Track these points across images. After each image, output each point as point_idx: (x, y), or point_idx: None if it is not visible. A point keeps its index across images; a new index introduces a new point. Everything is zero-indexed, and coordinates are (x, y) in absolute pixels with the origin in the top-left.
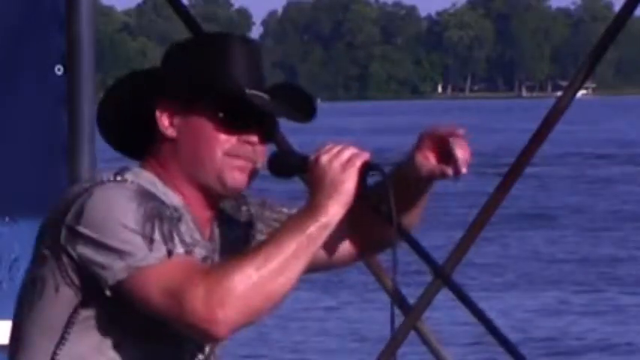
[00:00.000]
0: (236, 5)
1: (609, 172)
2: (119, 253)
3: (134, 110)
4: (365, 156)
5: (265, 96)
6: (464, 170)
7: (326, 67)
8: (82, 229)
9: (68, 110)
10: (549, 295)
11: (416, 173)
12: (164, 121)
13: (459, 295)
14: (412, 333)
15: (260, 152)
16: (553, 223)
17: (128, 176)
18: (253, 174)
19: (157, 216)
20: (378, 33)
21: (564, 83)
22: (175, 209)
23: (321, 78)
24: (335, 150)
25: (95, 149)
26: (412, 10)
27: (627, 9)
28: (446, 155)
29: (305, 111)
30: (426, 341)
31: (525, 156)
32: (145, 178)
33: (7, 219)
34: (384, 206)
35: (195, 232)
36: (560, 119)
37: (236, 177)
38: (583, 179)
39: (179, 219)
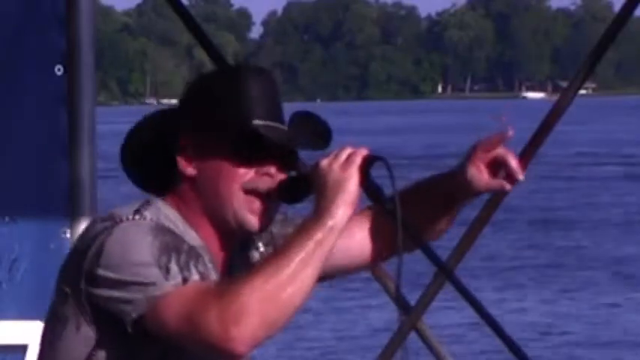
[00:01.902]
0: (236, 5)
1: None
2: (138, 286)
3: (156, 150)
4: (363, 152)
5: (281, 126)
6: (520, 177)
7: (326, 67)
8: (101, 271)
9: (68, 110)
10: (551, 293)
11: (468, 185)
12: (183, 159)
13: (462, 292)
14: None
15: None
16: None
17: (147, 213)
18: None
19: (174, 249)
20: (378, 33)
21: (564, 83)
22: (193, 248)
23: (321, 78)
24: (333, 153)
25: (95, 149)
26: (412, 10)
27: (627, 9)
28: (497, 166)
29: (319, 141)
30: (426, 341)
31: (525, 156)
32: (165, 215)
33: (7, 219)
34: (390, 203)
35: (212, 271)
36: (560, 119)
37: (253, 220)
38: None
39: (196, 258)
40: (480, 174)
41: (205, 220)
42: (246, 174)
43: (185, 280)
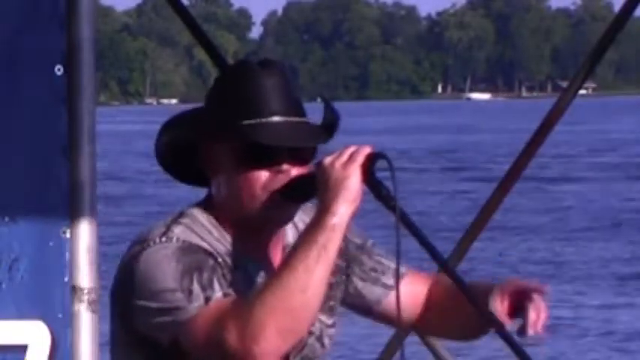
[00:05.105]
0: (236, 5)
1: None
2: (167, 311)
3: (187, 154)
4: (366, 150)
5: (280, 119)
6: (530, 332)
7: (326, 67)
8: (134, 301)
9: (68, 110)
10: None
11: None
12: (208, 163)
13: (462, 289)
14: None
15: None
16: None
17: (177, 231)
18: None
19: (196, 268)
20: (378, 33)
21: (564, 83)
22: (229, 255)
23: (321, 78)
24: (336, 153)
25: (95, 149)
26: (412, 10)
27: (627, 9)
28: (519, 309)
29: (321, 133)
30: (426, 341)
31: (525, 156)
32: (201, 223)
33: (6, 219)
34: (392, 201)
35: (256, 273)
36: (560, 119)
37: (277, 213)
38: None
39: (231, 268)
40: (497, 304)
41: (235, 220)
42: (261, 175)
43: (207, 300)
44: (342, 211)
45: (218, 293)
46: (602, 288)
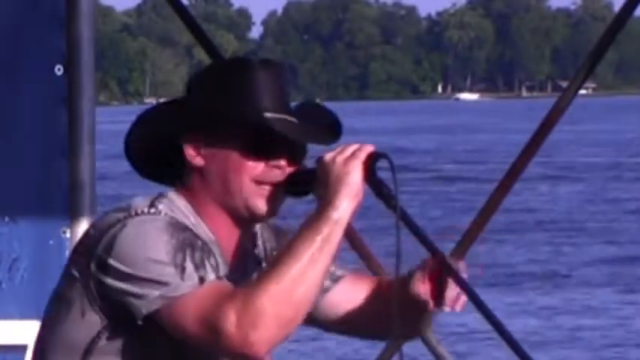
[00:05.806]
0: (236, 5)
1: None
2: (153, 283)
3: (162, 142)
4: (369, 148)
5: (289, 118)
6: (447, 309)
7: (326, 67)
8: (113, 262)
9: (68, 110)
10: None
11: (409, 290)
12: (191, 151)
13: (462, 288)
14: None
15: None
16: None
17: (162, 207)
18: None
19: (189, 245)
20: (378, 33)
21: (564, 83)
22: (205, 243)
23: (321, 78)
24: (338, 148)
25: (95, 149)
26: (412, 10)
27: (627, 9)
28: (439, 286)
29: (329, 132)
30: (426, 341)
31: (525, 156)
32: (179, 207)
33: (7, 219)
34: (393, 201)
35: (223, 265)
36: (560, 119)
37: (263, 205)
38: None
39: (209, 254)
40: (419, 284)
41: (215, 210)
42: (257, 167)
43: (202, 280)
44: (345, 206)
45: (211, 275)
46: (602, 288)
